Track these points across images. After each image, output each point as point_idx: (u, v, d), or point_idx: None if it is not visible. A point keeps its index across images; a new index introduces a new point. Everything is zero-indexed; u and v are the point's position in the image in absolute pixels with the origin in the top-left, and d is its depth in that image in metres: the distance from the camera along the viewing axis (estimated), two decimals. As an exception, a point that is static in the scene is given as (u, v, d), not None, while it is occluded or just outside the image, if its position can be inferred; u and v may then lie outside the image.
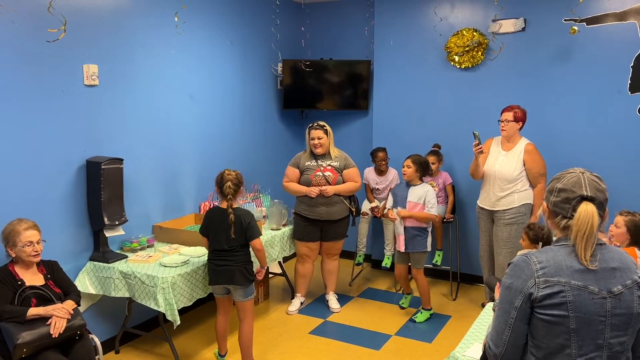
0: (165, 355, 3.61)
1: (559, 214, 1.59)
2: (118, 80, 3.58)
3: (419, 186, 3.98)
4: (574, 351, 1.50)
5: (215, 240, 3.28)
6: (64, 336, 2.67)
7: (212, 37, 4.44)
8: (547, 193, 1.64)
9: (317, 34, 5.59)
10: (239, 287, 3.28)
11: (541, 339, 1.53)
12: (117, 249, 3.65)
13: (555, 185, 1.60)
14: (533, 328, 1.54)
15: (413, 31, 4.91)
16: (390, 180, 4.82)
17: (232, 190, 3.21)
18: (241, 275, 3.25)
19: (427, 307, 4.21)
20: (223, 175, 3.25)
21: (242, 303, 3.33)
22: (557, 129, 4.38)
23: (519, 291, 1.53)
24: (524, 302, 1.52)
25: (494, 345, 1.59)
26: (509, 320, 1.55)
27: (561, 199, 1.57)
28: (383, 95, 5.14)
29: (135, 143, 3.76)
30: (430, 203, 3.94)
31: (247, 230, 3.24)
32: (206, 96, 4.43)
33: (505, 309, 1.57)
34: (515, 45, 4.48)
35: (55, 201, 3.25)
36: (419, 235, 4.00)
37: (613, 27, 4.12)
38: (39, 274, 2.82)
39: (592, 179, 1.57)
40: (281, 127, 5.53)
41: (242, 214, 3.25)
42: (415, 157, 4.01)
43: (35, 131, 3.11)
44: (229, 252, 3.24)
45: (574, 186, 1.56)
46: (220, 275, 3.28)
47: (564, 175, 1.61)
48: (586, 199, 1.53)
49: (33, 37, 3.04)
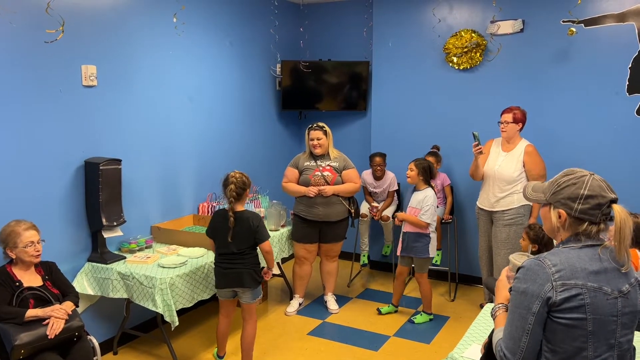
0: (163, 356, 3.60)
1: (586, 220, 1.54)
2: (117, 81, 3.58)
3: (422, 191, 3.98)
4: (590, 353, 1.49)
5: (221, 243, 3.24)
6: (62, 337, 2.66)
7: (211, 38, 4.44)
8: (565, 200, 1.55)
9: (315, 35, 5.60)
10: (248, 290, 3.25)
11: (558, 344, 1.50)
12: (115, 250, 3.64)
13: (579, 192, 1.53)
14: (550, 333, 1.51)
15: (412, 32, 4.92)
16: (387, 184, 4.81)
17: (235, 193, 3.15)
18: (250, 278, 3.22)
19: (428, 310, 4.20)
20: (228, 177, 3.21)
21: (248, 305, 3.31)
22: (555, 130, 4.38)
23: (536, 296, 1.49)
24: (541, 306, 1.49)
25: (511, 353, 1.53)
26: (526, 327, 1.51)
27: (591, 205, 1.52)
28: (382, 96, 5.15)
29: (133, 144, 3.75)
30: (424, 209, 3.92)
31: (257, 233, 3.21)
32: (205, 97, 4.43)
33: (521, 315, 1.52)
34: (513, 46, 4.49)
35: (53, 202, 3.24)
36: (418, 241, 3.99)
37: (611, 29, 4.13)
38: (37, 274, 2.81)
39: (603, 180, 1.55)
40: (280, 128, 5.53)
41: (250, 217, 3.20)
42: (418, 161, 4.02)
43: (34, 132, 3.10)
44: (238, 254, 3.21)
45: (601, 191, 1.52)
46: (229, 278, 3.24)
47: (579, 179, 1.55)
48: (613, 202, 1.52)
49: (31, 37, 3.03)
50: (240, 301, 3.33)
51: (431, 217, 3.95)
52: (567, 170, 1.61)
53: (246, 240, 3.20)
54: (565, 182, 1.57)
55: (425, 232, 3.98)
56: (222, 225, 3.20)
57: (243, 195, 3.21)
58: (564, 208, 1.56)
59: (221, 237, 3.22)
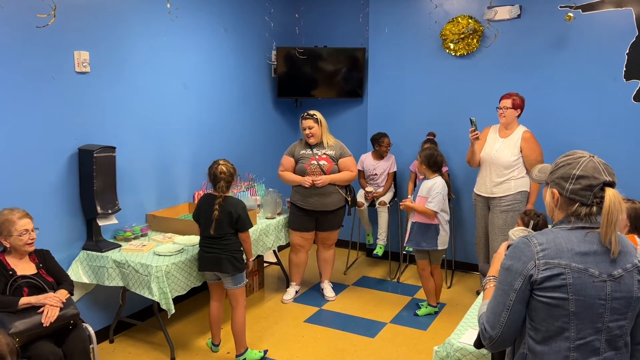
0: (160, 344, 3.60)
1: (577, 201, 1.53)
2: (110, 68, 3.53)
3: (430, 180, 3.93)
4: (572, 334, 1.49)
5: (205, 227, 3.29)
6: (57, 325, 2.65)
7: (206, 24, 4.38)
8: (558, 180, 1.55)
9: (311, 21, 5.54)
10: (228, 275, 3.29)
11: (540, 322, 1.51)
12: (110, 238, 3.62)
13: (571, 172, 1.52)
14: (532, 311, 1.52)
15: (408, 18, 4.87)
16: (389, 164, 4.80)
17: (225, 188, 3.23)
18: (229, 264, 3.26)
19: (432, 303, 4.12)
20: (213, 166, 3.27)
21: (232, 291, 3.34)
22: (552, 116, 4.37)
23: (519, 273, 1.51)
24: (523, 284, 1.50)
25: (490, 327, 1.56)
26: (507, 302, 1.53)
27: (582, 186, 1.51)
28: (378, 83, 5.11)
29: (128, 131, 3.71)
30: (432, 197, 3.86)
31: (238, 222, 3.26)
32: (200, 84, 4.38)
33: (504, 291, 1.54)
34: (510, 32, 4.46)
35: (47, 190, 3.21)
36: (425, 232, 3.92)
37: (609, 14, 4.10)
38: (30, 263, 2.79)
39: (604, 163, 1.54)
40: (275, 116, 5.50)
41: (233, 205, 3.25)
42: (423, 151, 3.95)
43: (26, 119, 3.06)
44: (217, 239, 3.25)
45: (594, 172, 1.50)
46: (208, 262, 3.30)
47: (575, 160, 1.54)
48: (607, 185, 1.50)
49: (22, 22, 2.98)
50: (225, 287, 3.37)
51: (438, 206, 3.85)
52: (569, 152, 1.60)
53: (227, 226, 3.25)
54: (562, 161, 1.57)
55: (434, 222, 3.90)
56: (207, 210, 3.26)
57: (231, 183, 3.28)
58: (557, 187, 1.56)
59: (204, 221, 3.28)
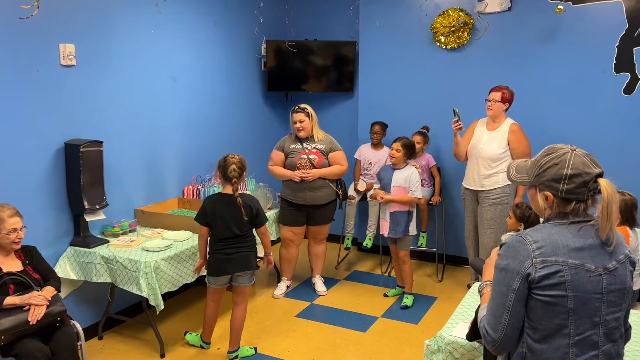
0: (149, 340, 3.57)
1: (573, 200, 1.50)
2: (96, 60, 3.48)
3: (404, 169, 3.95)
4: (571, 331, 1.47)
5: (223, 228, 3.16)
6: (44, 323, 2.61)
7: (194, 16, 4.33)
8: (549, 182, 1.51)
9: (301, 14, 5.49)
10: (249, 272, 3.27)
11: (539, 321, 1.49)
12: (98, 233, 3.57)
13: (562, 172, 1.49)
14: (530, 310, 1.50)
15: (399, 11, 4.84)
16: (385, 157, 4.76)
17: (237, 173, 3.12)
18: (254, 260, 3.28)
19: (409, 291, 4.17)
20: (226, 159, 3.15)
21: (243, 288, 3.30)
22: (542, 109, 4.37)
23: (516, 272, 1.49)
24: (521, 283, 1.48)
25: (492, 330, 1.53)
26: (507, 303, 1.50)
27: (576, 184, 1.48)
28: (369, 76, 5.08)
29: (115, 125, 3.66)
30: (414, 186, 3.91)
31: (257, 217, 3.23)
32: (188, 77, 4.33)
33: (502, 292, 1.51)
34: (501, 25, 4.44)
35: (33, 185, 3.16)
36: (405, 220, 3.98)
37: (599, 7, 4.09)
38: (17, 259, 2.75)
39: (587, 154, 1.52)
40: (265, 110, 5.46)
41: (250, 200, 3.22)
42: (404, 140, 3.95)
43: (11, 113, 3.01)
44: (241, 237, 3.20)
45: (584, 167, 1.48)
46: (233, 263, 3.19)
47: (560, 158, 1.51)
48: (599, 176, 1.49)
49: (5, 13, 2.92)
50: (236, 285, 3.30)
51: (421, 192, 3.98)
52: (547, 149, 1.57)
53: (248, 223, 3.21)
54: (546, 162, 1.53)
55: (411, 209, 3.99)
56: (225, 209, 3.14)
57: (242, 177, 3.19)
58: (550, 190, 1.52)
59: (221, 221, 3.16)
